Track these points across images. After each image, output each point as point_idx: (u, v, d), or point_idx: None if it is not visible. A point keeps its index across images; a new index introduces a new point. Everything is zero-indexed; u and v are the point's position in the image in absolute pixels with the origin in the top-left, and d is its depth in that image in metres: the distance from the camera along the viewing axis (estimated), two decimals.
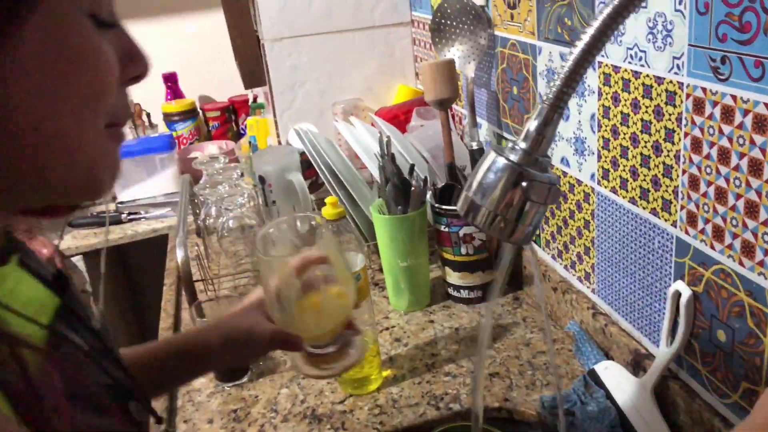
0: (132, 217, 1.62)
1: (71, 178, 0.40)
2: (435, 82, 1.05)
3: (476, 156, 1.08)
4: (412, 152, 1.16)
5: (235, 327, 0.70)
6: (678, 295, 0.69)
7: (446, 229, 1.02)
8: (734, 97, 0.58)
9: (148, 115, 1.98)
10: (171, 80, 2.04)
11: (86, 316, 0.53)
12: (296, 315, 0.64)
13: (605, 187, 0.81)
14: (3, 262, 0.46)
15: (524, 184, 0.39)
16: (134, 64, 0.44)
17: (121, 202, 1.65)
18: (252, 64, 1.42)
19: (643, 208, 0.75)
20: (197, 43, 2.15)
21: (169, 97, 2.04)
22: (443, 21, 1.13)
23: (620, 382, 0.79)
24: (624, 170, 0.77)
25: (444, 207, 1.01)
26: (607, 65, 0.76)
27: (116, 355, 0.54)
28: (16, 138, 0.36)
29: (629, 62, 0.72)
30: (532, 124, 0.41)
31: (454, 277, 1.06)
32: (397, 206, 1.02)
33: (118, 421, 0.48)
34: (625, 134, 0.75)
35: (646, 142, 0.72)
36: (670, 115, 0.67)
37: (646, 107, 0.70)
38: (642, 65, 0.70)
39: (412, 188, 1.00)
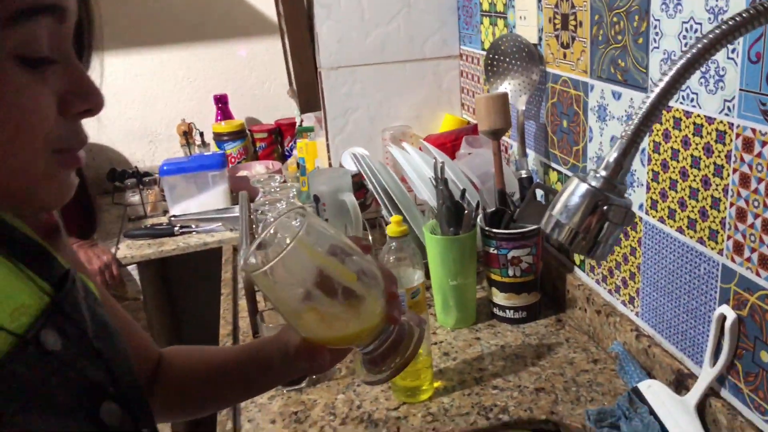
0: (184, 230, 1.71)
1: (14, 195, 0.46)
2: (489, 114, 1.12)
3: (525, 184, 1.14)
4: (461, 178, 1.23)
5: (286, 341, 0.67)
6: (723, 318, 0.75)
7: (495, 252, 1.09)
8: None
9: (201, 134, 2.08)
10: (222, 102, 2.14)
11: (80, 318, 0.53)
12: (302, 324, 0.58)
13: (653, 216, 0.87)
14: None
15: (604, 207, 0.46)
16: (80, 100, 0.46)
17: (174, 216, 1.74)
18: (309, 90, 1.50)
19: (690, 237, 0.80)
20: (247, 68, 2.25)
21: (219, 117, 2.14)
22: (497, 57, 1.20)
23: (663, 400, 0.84)
24: (672, 201, 0.83)
25: (494, 230, 1.08)
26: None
27: (105, 357, 0.53)
28: None
29: (681, 102, 0.78)
30: (611, 156, 0.48)
31: (500, 298, 1.12)
32: (449, 228, 1.09)
33: (79, 424, 0.48)
34: (674, 168, 0.82)
35: (695, 176, 0.78)
36: (719, 152, 0.73)
37: (696, 144, 0.77)
38: (694, 106, 0.76)
39: (465, 211, 1.07)
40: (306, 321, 0.57)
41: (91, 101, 0.48)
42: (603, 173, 0.47)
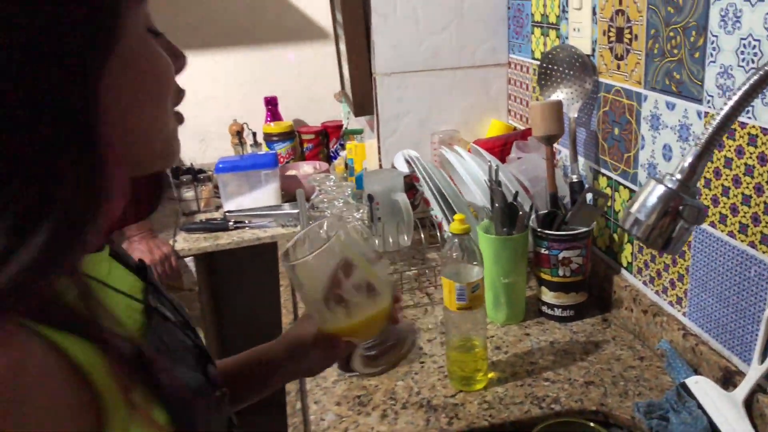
0: (237, 225, 1.79)
1: (154, 151, 0.52)
2: (544, 120, 1.17)
3: (575, 188, 1.19)
4: (512, 181, 1.28)
5: (296, 336, 0.76)
6: None
7: (546, 252, 1.14)
8: None
9: (254, 134, 2.16)
10: (272, 104, 2.23)
11: (165, 295, 0.60)
12: (326, 314, 0.66)
13: (704, 221, 0.92)
14: (99, 249, 0.54)
15: (679, 207, 0.51)
16: (177, 60, 0.53)
17: (229, 211, 1.82)
18: (363, 95, 1.57)
19: (741, 241, 0.85)
20: (296, 71, 2.33)
21: (269, 118, 2.23)
22: (550, 66, 1.26)
23: (711, 395, 0.88)
24: (724, 207, 0.88)
25: (547, 232, 1.13)
26: (713, 115, 0.87)
27: (192, 326, 0.62)
28: (113, 129, 0.43)
29: None
30: (686, 161, 0.53)
31: (549, 296, 1.17)
32: (502, 228, 1.15)
33: (204, 379, 0.56)
34: (727, 176, 0.86)
35: (748, 183, 0.83)
36: None
37: (751, 153, 0.82)
38: (749, 117, 0.81)
39: (520, 213, 1.12)
40: (333, 311, 0.66)
41: (183, 60, 0.55)
42: (678, 176, 0.53)
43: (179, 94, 0.55)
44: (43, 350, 0.38)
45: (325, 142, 2.24)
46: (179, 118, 0.55)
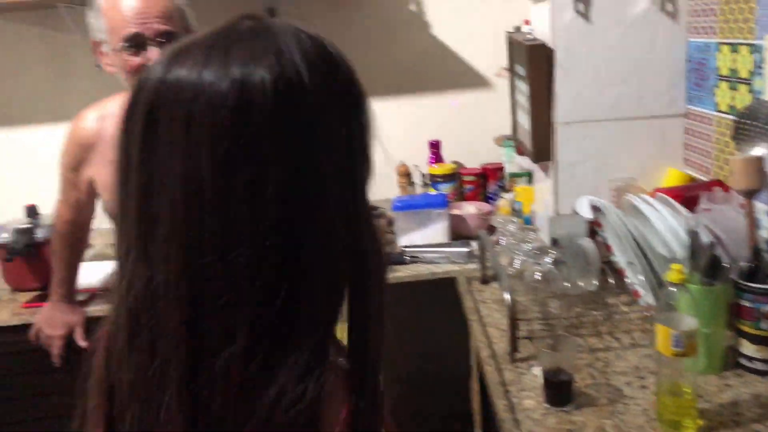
0: (413, 260, 1.91)
1: None
2: (746, 175, 1.21)
3: None
4: (706, 231, 1.31)
5: None
6: None
7: (749, 305, 1.16)
8: None
9: (424, 175, 2.30)
10: (435, 147, 2.36)
11: None
12: None
13: None
14: None
15: None
16: None
17: (405, 247, 1.95)
18: (543, 141, 1.66)
19: None
20: (456, 116, 2.46)
21: (432, 160, 2.36)
22: (748, 121, 1.29)
23: None
24: None
25: (751, 284, 1.15)
26: None
27: None
28: None
29: None
30: None
31: (750, 349, 1.18)
32: (703, 278, 1.18)
33: None
34: None
35: None
36: None
37: None
38: None
39: (723, 264, 1.16)
40: None
41: None
42: None
43: None
44: None
45: (484, 183, 2.34)
46: None
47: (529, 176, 2.05)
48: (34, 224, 1.99)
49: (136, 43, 1.36)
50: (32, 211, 2.05)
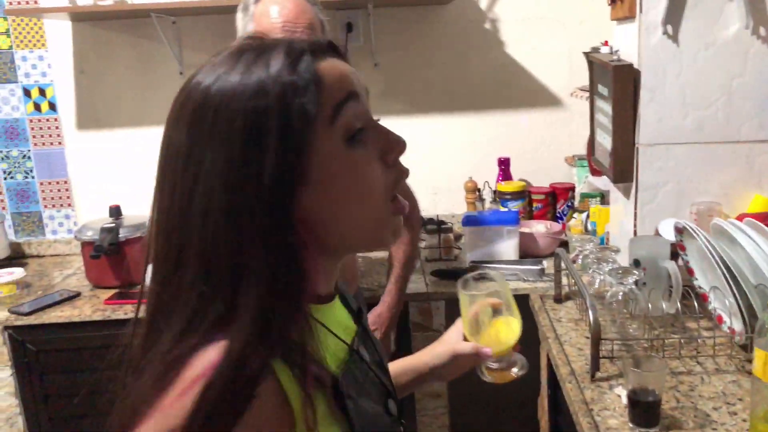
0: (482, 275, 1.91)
1: (363, 239, 0.65)
2: None
3: None
4: None
5: (442, 345, 0.98)
6: None
7: None
8: None
9: (495, 192, 2.31)
10: (505, 164, 2.37)
11: (371, 337, 0.77)
12: (488, 333, 0.93)
13: None
14: (329, 300, 0.70)
15: None
16: (392, 151, 0.64)
17: (474, 262, 1.96)
18: (624, 162, 1.65)
19: None
20: (525, 134, 2.47)
21: (500, 178, 2.37)
22: None
23: None
24: None
25: None
26: None
27: (385, 366, 0.79)
28: (317, 227, 0.62)
29: None
30: None
31: None
32: None
33: (382, 411, 0.71)
34: None
35: None
36: None
37: None
38: None
39: None
40: (489, 331, 0.93)
41: (399, 146, 0.65)
42: None
43: (401, 175, 0.66)
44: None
45: (553, 202, 2.33)
46: (396, 209, 0.66)
47: (601, 197, 2.03)
48: (117, 224, 2.08)
49: None
50: (116, 212, 2.14)
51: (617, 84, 1.60)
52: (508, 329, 0.94)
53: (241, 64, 0.60)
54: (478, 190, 2.32)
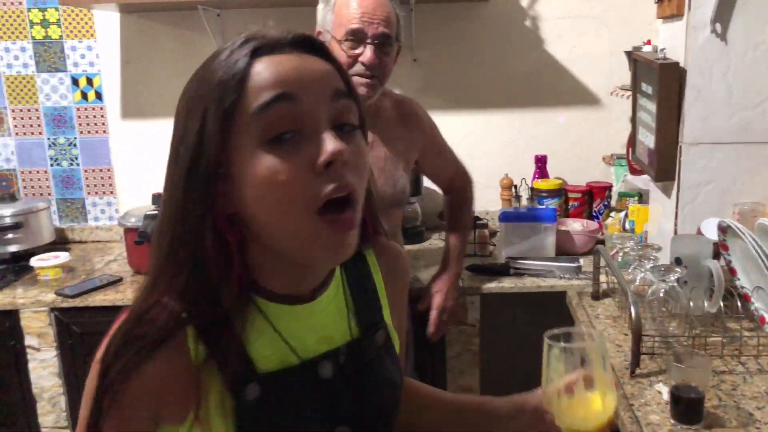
0: (517, 271, 1.92)
1: (290, 248, 0.64)
2: None
3: None
4: None
5: (523, 401, 0.85)
6: None
7: None
8: None
9: (532, 189, 2.31)
10: (541, 162, 2.37)
11: (362, 359, 0.73)
12: (569, 407, 0.73)
13: None
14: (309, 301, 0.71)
15: None
16: (321, 156, 0.60)
17: (510, 258, 1.97)
18: (667, 161, 1.64)
19: None
20: (563, 132, 2.46)
21: (537, 175, 2.37)
22: None
23: None
24: None
25: None
26: None
27: (366, 392, 0.73)
28: (259, 227, 0.65)
29: None
30: None
31: None
32: None
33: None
34: None
35: None
36: None
37: None
38: None
39: None
40: (564, 402, 0.73)
41: (328, 154, 0.60)
42: None
43: (333, 191, 0.61)
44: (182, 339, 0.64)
45: (589, 201, 2.32)
46: (334, 226, 0.62)
47: (639, 196, 2.02)
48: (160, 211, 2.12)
49: (358, 38, 1.51)
50: (159, 199, 2.19)
51: (662, 82, 1.60)
52: (597, 404, 0.73)
53: (212, 56, 0.67)
54: (514, 186, 2.32)
